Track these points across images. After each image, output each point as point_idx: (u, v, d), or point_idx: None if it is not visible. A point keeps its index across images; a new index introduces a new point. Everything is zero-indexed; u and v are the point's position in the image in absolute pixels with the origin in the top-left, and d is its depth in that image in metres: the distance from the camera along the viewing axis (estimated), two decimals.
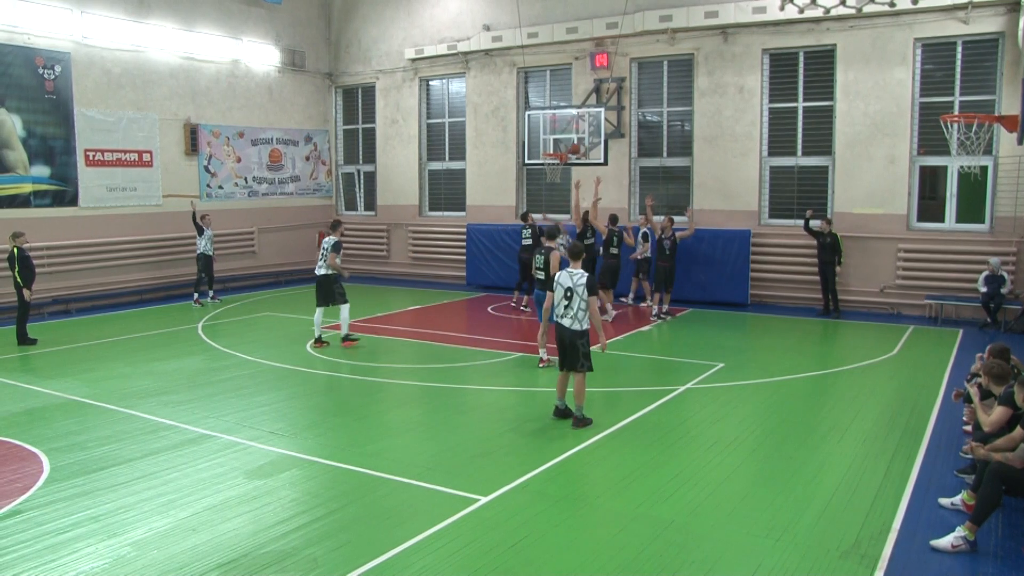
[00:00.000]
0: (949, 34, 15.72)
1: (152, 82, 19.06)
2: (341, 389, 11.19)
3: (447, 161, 22.26)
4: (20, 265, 13.55)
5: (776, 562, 5.97)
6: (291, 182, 22.84)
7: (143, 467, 7.94)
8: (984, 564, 6.02)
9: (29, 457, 8.29)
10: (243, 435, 8.96)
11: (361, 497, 7.28)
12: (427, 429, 9.44)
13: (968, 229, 15.99)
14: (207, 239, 17.92)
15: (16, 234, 13.77)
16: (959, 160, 15.09)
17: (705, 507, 6.98)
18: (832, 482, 7.54)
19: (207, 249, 17.94)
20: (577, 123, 17.77)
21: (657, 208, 18.96)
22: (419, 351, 13.70)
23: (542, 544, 6.27)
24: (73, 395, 10.64)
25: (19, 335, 13.96)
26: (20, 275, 13.55)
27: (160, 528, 6.57)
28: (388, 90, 22.78)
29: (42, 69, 16.93)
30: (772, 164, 17.75)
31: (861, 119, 16.52)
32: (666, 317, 15.95)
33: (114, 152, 18.32)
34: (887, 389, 10.99)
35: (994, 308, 14.93)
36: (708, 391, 10.82)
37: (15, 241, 13.66)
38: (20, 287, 13.62)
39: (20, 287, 13.62)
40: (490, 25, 20.56)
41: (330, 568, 5.88)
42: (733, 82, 17.73)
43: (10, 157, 16.53)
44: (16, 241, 13.66)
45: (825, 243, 16.05)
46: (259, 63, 21.61)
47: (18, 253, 13.57)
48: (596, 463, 8.21)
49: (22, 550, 6.21)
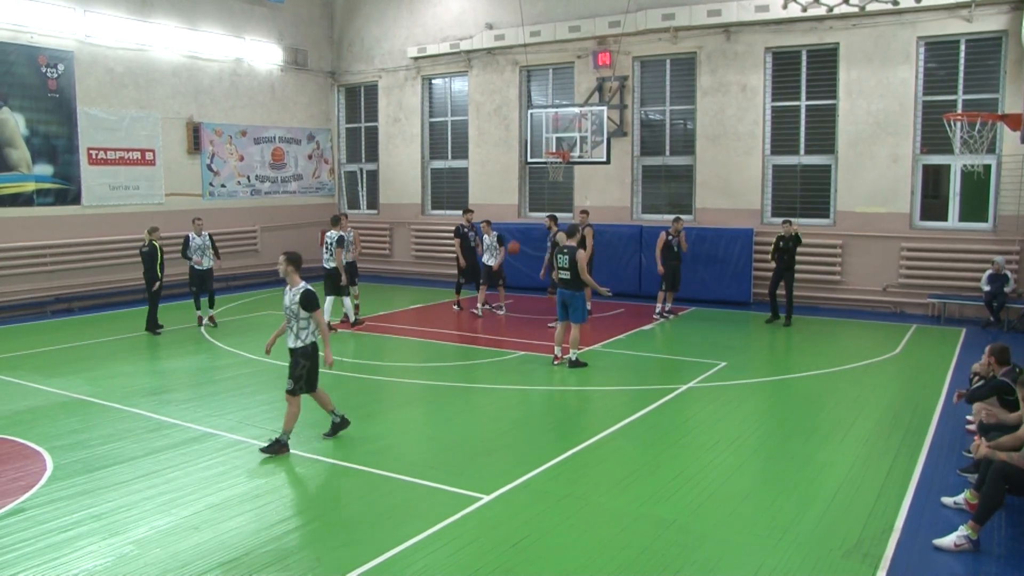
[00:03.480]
0: (952, 32, 15.68)
1: (155, 81, 19.07)
2: (343, 387, 11.18)
3: (449, 160, 22.25)
4: (161, 258, 14.59)
5: (778, 562, 5.96)
6: (294, 181, 22.85)
7: (145, 465, 7.95)
8: (987, 564, 6.01)
9: (32, 455, 8.31)
10: (245, 434, 8.97)
11: (363, 496, 7.29)
12: (429, 428, 9.44)
13: (971, 228, 15.95)
14: (196, 249, 15.10)
15: (153, 228, 14.90)
16: (962, 159, 15.08)
17: (707, 506, 6.98)
18: (834, 481, 7.53)
19: (196, 262, 15.12)
20: (579, 122, 17.76)
21: (660, 208, 19.00)
22: (421, 349, 13.70)
23: (544, 543, 6.27)
24: (76, 393, 10.66)
25: (150, 322, 14.78)
26: (161, 268, 14.64)
27: (162, 526, 6.58)
28: (391, 89, 22.78)
29: (45, 68, 16.94)
30: (775, 163, 17.73)
31: (864, 118, 16.49)
32: (668, 316, 15.93)
33: (117, 151, 18.33)
34: (890, 388, 10.97)
35: (997, 307, 14.90)
36: (710, 390, 10.81)
37: (152, 235, 14.70)
38: (157, 278, 14.59)
39: (157, 278, 14.59)
40: (492, 24, 20.54)
41: (332, 566, 5.88)
42: (736, 81, 17.70)
43: (13, 156, 16.55)
44: (153, 236, 14.71)
45: (789, 247, 15.23)
46: (262, 62, 21.62)
47: (159, 247, 14.64)
48: (598, 462, 8.21)
49: (24, 548, 6.22)
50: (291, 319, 8.37)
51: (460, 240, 16.79)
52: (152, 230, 14.91)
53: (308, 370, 8.40)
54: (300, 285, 8.34)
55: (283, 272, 8.44)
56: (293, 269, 8.40)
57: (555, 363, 12.09)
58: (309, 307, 8.27)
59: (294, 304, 8.29)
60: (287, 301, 8.37)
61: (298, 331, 8.34)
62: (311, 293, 8.30)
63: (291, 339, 8.42)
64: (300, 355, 8.37)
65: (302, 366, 8.36)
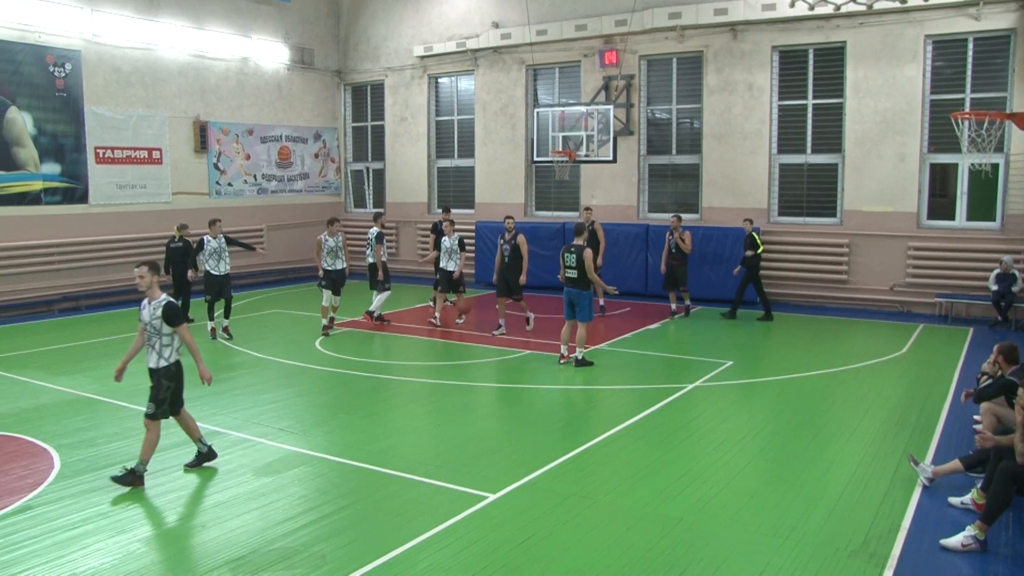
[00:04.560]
0: (960, 31, 15.63)
1: (162, 80, 19.12)
2: (349, 386, 11.21)
3: (456, 159, 22.26)
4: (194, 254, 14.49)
5: (784, 561, 5.95)
6: (300, 179, 22.89)
7: (152, 463, 7.96)
8: (994, 564, 5.99)
9: (40, 453, 8.34)
10: (251, 432, 8.99)
11: (369, 494, 7.30)
12: (435, 426, 9.45)
13: (979, 227, 15.89)
14: (212, 253, 14.10)
15: (182, 225, 15.45)
16: (970, 157, 14.99)
17: (713, 505, 6.97)
18: (841, 481, 7.52)
19: (213, 266, 14.13)
20: (586, 120, 17.75)
21: (667, 207, 18.98)
22: (428, 348, 13.70)
23: (550, 542, 6.27)
24: (83, 392, 10.69)
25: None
26: (193, 264, 14.75)
27: (169, 524, 6.59)
28: (397, 87, 22.79)
29: (53, 67, 17.00)
30: (781, 162, 17.69)
31: (871, 116, 16.44)
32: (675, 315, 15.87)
33: (124, 150, 18.39)
34: (897, 388, 10.94)
35: (1005, 306, 14.85)
36: (716, 389, 10.80)
37: (182, 231, 15.23)
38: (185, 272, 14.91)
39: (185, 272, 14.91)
40: (499, 22, 20.54)
41: (338, 565, 5.89)
42: (742, 79, 17.67)
43: (21, 155, 16.61)
44: (182, 231, 15.23)
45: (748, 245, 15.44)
46: (268, 61, 21.66)
47: (191, 243, 14.82)
48: (604, 461, 8.21)
49: (32, 545, 6.24)
50: (152, 336, 7.48)
51: (436, 237, 16.80)
52: (182, 227, 15.37)
53: (173, 392, 7.62)
54: (161, 297, 7.49)
55: (144, 284, 7.45)
56: (155, 279, 7.52)
57: (561, 362, 12.09)
58: (173, 321, 7.42)
59: (156, 319, 7.40)
60: (147, 316, 7.46)
61: (160, 348, 7.47)
62: (173, 306, 7.50)
63: (152, 358, 7.53)
64: (164, 376, 7.51)
65: (166, 388, 7.54)
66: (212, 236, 14.10)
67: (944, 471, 7.29)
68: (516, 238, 14.10)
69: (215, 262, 14.01)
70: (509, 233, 14.21)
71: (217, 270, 14.03)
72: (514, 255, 14.02)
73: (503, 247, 14.20)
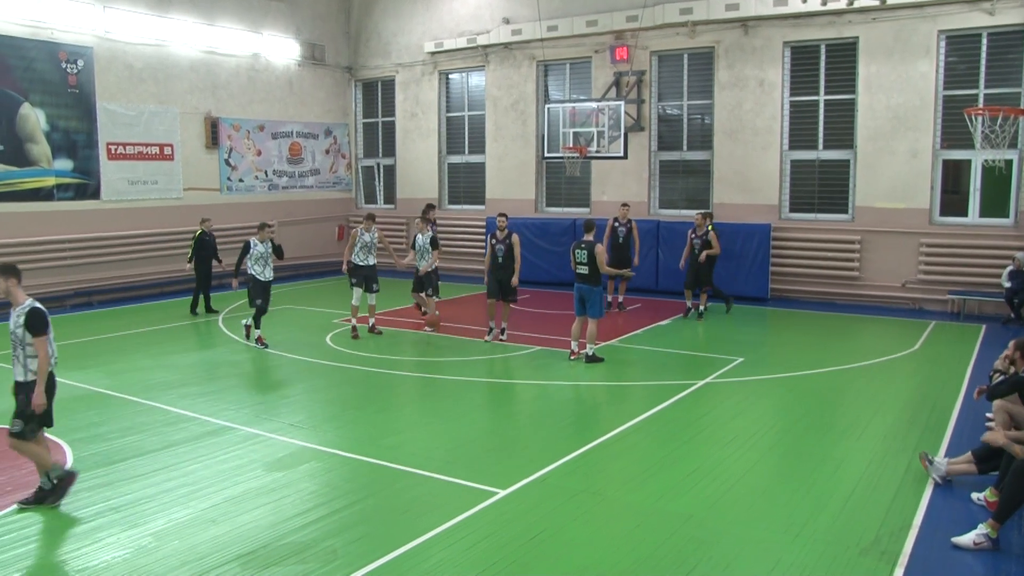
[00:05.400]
0: (974, 26, 15.52)
1: (173, 76, 19.18)
2: (361, 382, 11.23)
3: (466, 155, 22.26)
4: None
5: (795, 558, 5.93)
6: (311, 175, 22.93)
7: (163, 458, 8.01)
8: (1006, 562, 5.95)
9: (52, 448, 8.35)
10: (263, 427, 9.01)
11: (380, 490, 7.31)
12: (446, 422, 9.45)
13: (992, 223, 15.79)
14: (259, 259, 13.20)
15: (205, 219, 16.19)
16: (983, 154, 14.89)
17: (723, 502, 6.96)
18: (852, 478, 7.49)
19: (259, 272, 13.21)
20: (597, 116, 17.71)
21: (678, 203, 18.95)
22: (438, 344, 13.71)
23: (560, 538, 6.27)
24: (95, 387, 10.74)
25: (207, 305, 16.09)
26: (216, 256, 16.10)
27: (180, 519, 6.62)
28: (407, 84, 22.80)
29: (65, 63, 17.07)
30: (793, 158, 17.62)
31: (883, 112, 16.35)
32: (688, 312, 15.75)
33: (135, 145, 18.46)
34: (908, 385, 10.89)
35: (1018, 304, 14.75)
36: (727, 386, 10.77)
37: (204, 225, 16.00)
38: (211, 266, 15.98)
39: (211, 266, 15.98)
40: (509, 18, 20.51)
41: (349, 560, 5.91)
42: (754, 75, 17.60)
43: (34, 151, 16.70)
44: (204, 225, 16.01)
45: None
46: (279, 57, 21.69)
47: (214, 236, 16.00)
48: (615, 457, 8.21)
49: (44, 540, 6.28)
50: (16, 346, 6.72)
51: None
52: (204, 220, 16.12)
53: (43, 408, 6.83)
54: (25, 303, 6.74)
55: (1, 289, 6.73)
56: (15, 283, 6.78)
57: (572, 358, 12.08)
58: (36, 330, 6.63)
59: (19, 328, 6.66)
60: (11, 324, 6.74)
61: (25, 360, 6.71)
62: (38, 313, 6.71)
63: (18, 370, 6.75)
64: (31, 391, 6.73)
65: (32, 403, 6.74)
66: (260, 240, 13.18)
67: (957, 471, 7.25)
68: (511, 238, 13.37)
69: (261, 267, 13.14)
70: (502, 232, 13.46)
71: (264, 276, 13.17)
72: (508, 255, 13.34)
73: (496, 246, 13.43)
